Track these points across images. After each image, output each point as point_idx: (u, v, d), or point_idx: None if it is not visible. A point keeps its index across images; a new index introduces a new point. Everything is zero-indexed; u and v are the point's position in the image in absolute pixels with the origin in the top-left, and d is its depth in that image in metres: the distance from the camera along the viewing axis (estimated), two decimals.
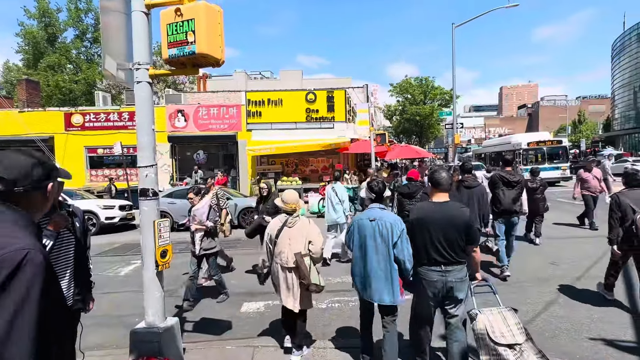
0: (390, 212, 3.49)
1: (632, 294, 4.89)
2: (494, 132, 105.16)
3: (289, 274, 3.39)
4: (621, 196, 4.34)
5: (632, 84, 48.84)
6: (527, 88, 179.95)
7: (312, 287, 3.35)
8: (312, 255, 3.40)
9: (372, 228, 3.10)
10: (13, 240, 1.10)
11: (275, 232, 3.48)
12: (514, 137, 23.77)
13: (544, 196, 7.74)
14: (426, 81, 39.75)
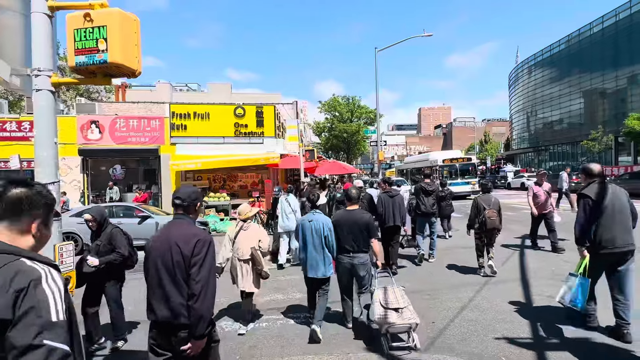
0: (322, 215, 4.70)
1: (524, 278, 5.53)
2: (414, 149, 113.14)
3: (244, 265, 4.54)
4: (478, 198, 6.65)
5: (525, 109, 56.26)
6: (442, 110, 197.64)
7: (263, 273, 4.55)
8: (261, 249, 4.57)
9: (310, 226, 4.53)
10: (200, 231, 2.44)
11: (234, 234, 4.65)
12: (431, 155, 25.78)
13: (451, 202, 10.33)
14: (353, 100, 41.67)
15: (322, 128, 43.97)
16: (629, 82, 36.09)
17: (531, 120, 54.89)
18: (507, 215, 15.14)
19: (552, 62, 48.10)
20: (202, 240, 2.33)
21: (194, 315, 2.25)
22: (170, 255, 2.32)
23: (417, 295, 5.65)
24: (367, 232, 4.43)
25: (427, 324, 4.66)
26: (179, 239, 2.34)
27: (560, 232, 8.22)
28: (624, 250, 4.02)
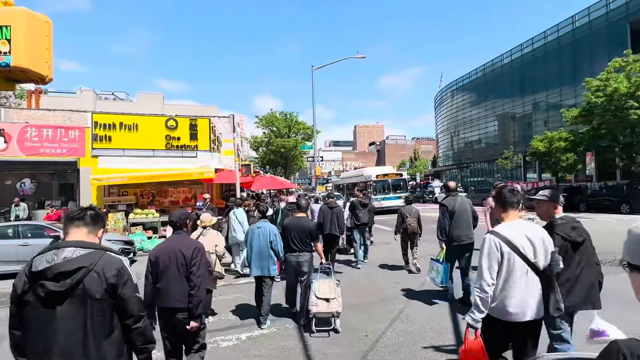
0: (269, 223, 5.70)
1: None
2: (350, 165, 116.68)
3: None
4: (402, 209, 8.42)
5: (449, 130, 61.19)
6: (376, 128, 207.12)
7: (215, 273, 4.98)
8: (217, 253, 5.26)
9: (258, 232, 5.49)
10: (195, 241, 3.57)
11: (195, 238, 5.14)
12: (366, 171, 26.67)
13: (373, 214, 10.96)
14: (291, 116, 42.08)
15: (260, 143, 43.64)
16: (533, 108, 41.03)
17: (454, 140, 59.69)
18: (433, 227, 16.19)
19: (471, 87, 53.10)
20: (197, 247, 3.39)
21: (195, 300, 3.19)
22: (175, 258, 3.29)
23: (350, 309, 5.75)
24: (311, 236, 5.49)
25: (359, 339, 4.73)
26: (181, 247, 3.33)
27: None
28: (467, 243, 5.79)
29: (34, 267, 1.81)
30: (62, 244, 1.92)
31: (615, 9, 30.82)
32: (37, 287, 1.79)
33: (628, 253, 1.18)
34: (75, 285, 1.81)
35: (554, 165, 29.38)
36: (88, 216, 2.05)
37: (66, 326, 1.79)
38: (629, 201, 19.49)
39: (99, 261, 1.90)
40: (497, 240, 2.66)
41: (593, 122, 23.92)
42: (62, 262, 1.81)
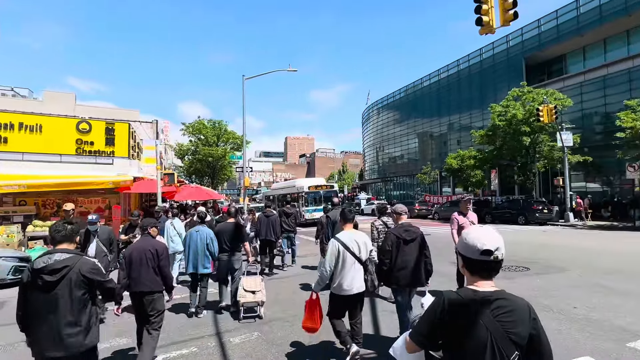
0: (207, 227, 6.52)
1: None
2: (281, 176, 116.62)
3: None
4: (323, 218, 8.45)
5: (375, 145, 64.48)
6: (307, 140, 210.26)
7: None
8: None
9: (196, 235, 6.32)
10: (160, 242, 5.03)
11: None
12: (297, 182, 26.55)
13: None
14: (219, 124, 40.85)
15: (186, 151, 41.59)
16: (448, 128, 45.10)
17: (380, 155, 62.98)
18: None
19: (395, 106, 56.76)
20: (162, 246, 4.59)
21: (168, 282, 4.48)
22: (145, 254, 4.38)
23: (277, 322, 5.69)
24: (240, 238, 6.50)
25: (281, 352, 4.70)
26: (150, 246, 4.45)
27: None
28: None
29: (35, 265, 2.72)
30: (53, 250, 2.82)
31: (513, 46, 35.43)
32: (37, 279, 2.69)
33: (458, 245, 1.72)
34: (63, 277, 2.72)
35: (465, 181, 32.47)
36: (68, 232, 2.92)
37: (57, 302, 2.71)
38: (524, 214, 22.22)
39: (78, 262, 2.81)
40: (337, 243, 4.07)
41: (496, 143, 27.01)
42: (54, 262, 2.72)
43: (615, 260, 9.99)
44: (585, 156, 24.19)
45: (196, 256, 6.25)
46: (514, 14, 8.98)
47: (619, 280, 7.59)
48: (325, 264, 4.04)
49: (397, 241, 4.42)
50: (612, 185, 27.39)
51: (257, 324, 5.69)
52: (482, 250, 1.55)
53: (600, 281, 7.58)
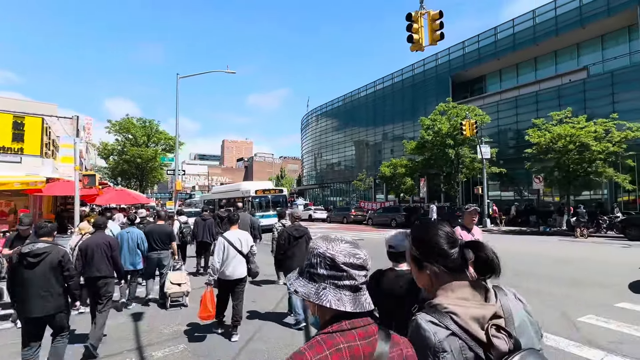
0: (136, 228, 7.25)
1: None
2: (217, 180, 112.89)
3: None
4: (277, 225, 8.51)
5: (313, 151, 65.29)
6: (245, 144, 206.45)
7: None
8: None
9: (127, 236, 6.96)
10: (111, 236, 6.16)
11: (74, 244, 6.40)
12: (243, 185, 24.49)
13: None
14: (150, 124, 38.35)
15: (111, 150, 38.41)
16: (383, 137, 47.19)
17: (318, 161, 63.88)
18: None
19: (334, 114, 58.08)
20: (114, 240, 5.57)
21: (118, 270, 5.43)
22: (100, 246, 5.21)
23: (209, 328, 5.47)
24: (169, 238, 7.41)
25: None
26: (104, 240, 5.31)
27: None
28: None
29: (22, 250, 3.80)
30: (37, 241, 3.98)
31: (442, 64, 38.26)
32: (24, 260, 3.78)
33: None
34: (43, 259, 3.83)
35: (397, 188, 34.14)
36: (48, 229, 4.16)
37: (38, 278, 3.80)
38: (449, 220, 23.80)
39: (53, 250, 3.93)
40: (222, 240, 5.28)
41: (425, 154, 28.86)
42: (36, 249, 3.82)
43: (523, 261, 11.15)
44: (500, 168, 26.79)
45: (129, 254, 6.94)
46: (441, 35, 9.71)
47: (527, 280, 8.47)
48: (215, 258, 5.13)
49: (289, 237, 5.86)
50: (522, 194, 30.64)
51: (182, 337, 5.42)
52: (388, 246, 2.32)
53: (511, 281, 8.39)
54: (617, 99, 24.24)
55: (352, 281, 1.10)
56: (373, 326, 1.10)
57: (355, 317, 1.08)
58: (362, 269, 1.13)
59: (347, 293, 1.09)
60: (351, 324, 1.06)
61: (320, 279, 1.11)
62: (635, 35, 24.83)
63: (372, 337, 1.07)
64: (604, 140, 19.91)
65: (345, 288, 1.09)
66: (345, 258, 1.10)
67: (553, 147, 21.00)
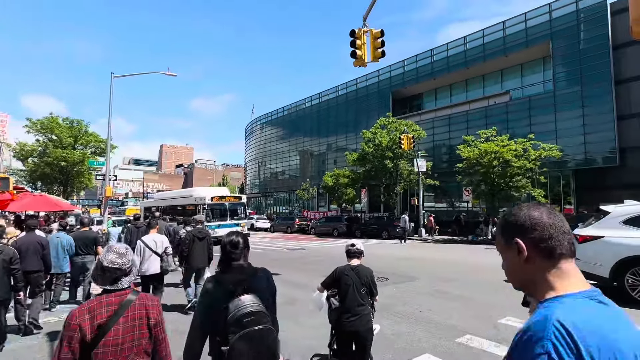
0: (66, 234, 7.66)
1: None
2: (153, 187, 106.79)
3: None
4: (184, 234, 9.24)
5: (257, 159, 64.51)
6: (185, 150, 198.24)
7: None
8: None
9: (57, 241, 7.34)
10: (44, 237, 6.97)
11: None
12: (196, 191, 22.64)
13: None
14: (79, 124, 35.28)
15: (30, 152, 34.67)
16: (327, 148, 48.03)
17: (261, 169, 63.17)
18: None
19: (279, 123, 58.02)
20: (45, 240, 6.36)
21: (47, 266, 6.28)
22: (34, 245, 6.07)
23: None
24: (94, 243, 7.77)
25: None
26: (36, 239, 6.17)
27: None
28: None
29: None
30: None
31: (383, 80, 40.08)
32: None
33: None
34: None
35: (339, 198, 34.83)
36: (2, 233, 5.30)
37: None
38: (387, 229, 24.88)
39: (5, 250, 4.97)
40: (140, 242, 6.45)
41: (366, 165, 29.88)
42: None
43: (453, 269, 11.91)
44: (435, 180, 28.52)
45: (57, 258, 7.27)
46: (382, 53, 10.21)
47: (454, 287, 9.05)
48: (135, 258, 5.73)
49: (193, 238, 7.05)
50: (454, 205, 32.83)
51: None
52: (349, 244, 3.80)
53: (441, 288, 8.92)
54: (534, 121, 27.11)
55: (109, 274, 1.97)
56: (128, 294, 1.98)
57: (113, 292, 1.97)
58: (118, 271, 1.98)
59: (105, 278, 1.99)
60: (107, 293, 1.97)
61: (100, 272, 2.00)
62: (548, 65, 28.05)
63: (123, 296, 1.97)
64: (522, 158, 22.12)
65: (105, 278, 1.98)
66: (106, 263, 1.98)
67: (480, 162, 22.88)
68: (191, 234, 7.16)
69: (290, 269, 11.86)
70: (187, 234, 7.27)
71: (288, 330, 5.91)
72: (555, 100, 26.33)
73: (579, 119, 24.93)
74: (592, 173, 24.53)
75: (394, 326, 5.98)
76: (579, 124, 24.95)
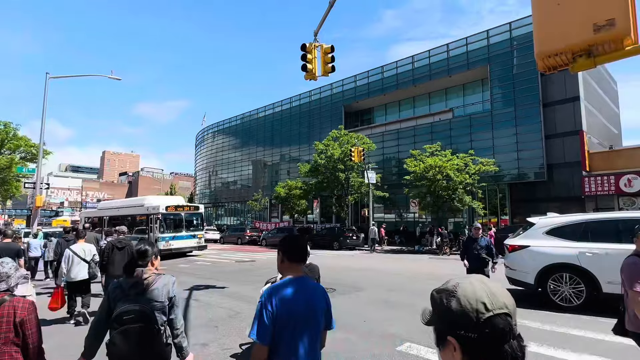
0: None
1: None
2: (93, 195, 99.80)
3: None
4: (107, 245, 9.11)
5: (208, 168, 62.70)
6: (130, 157, 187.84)
7: None
8: None
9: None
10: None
11: None
12: (149, 200, 20.97)
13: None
14: (6, 127, 32.23)
15: None
16: (280, 158, 47.87)
17: (212, 179, 61.43)
18: (180, 267, 15.73)
19: (231, 132, 56.99)
20: None
21: None
22: None
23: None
24: (16, 254, 7.30)
25: None
26: None
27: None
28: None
29: None
30: None
31: (336, 93, 40.96)
32: None
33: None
34: None
35: (292, 209, 34.77)
36: None
37: None
38: (338, 240, 25.19)
39: None
40: (68, 250, 7.15)
41: (319, 177, 30.18)
42: None
43: (398, 279, 12.30)
44: (384, 192, 29.42)
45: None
46: (332, 68, 10.49)
47: (399, 296, 9.34)
48: (62, 266, 7.11)
49: (112, 248, 7.22)
50: (402, 217, 34.03)
51: None
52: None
53: (387, 297, 9.17)
54: (474, 138, 29.03)
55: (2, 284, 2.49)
56: (3, 296, 2.45)
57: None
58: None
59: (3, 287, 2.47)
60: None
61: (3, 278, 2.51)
62: (486, 87, 30.30)
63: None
64: (463, 172, 23.55)
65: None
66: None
67: (426, 176, 24.00)
68: (110, 244, 7.41)
69: (237, 282, 11.58)
70: (107, 244, 7.55)
71: (235, 345, 5.77)
72: (492, 119, 28.42)
73: (513, 137, 27.08)
74: (524, 187, 26.63)
75: (335, 335, 6.04)
76: (512, 142, 27.09)
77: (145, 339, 2.39)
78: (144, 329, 2.39)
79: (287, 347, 2.03)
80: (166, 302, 2.60)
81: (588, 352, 5.22)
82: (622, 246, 7.01)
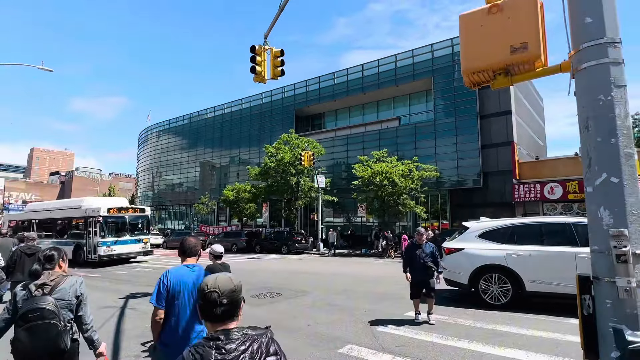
0: None
1: None
2: (18, 197, 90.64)
3: None
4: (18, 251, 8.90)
5: (151, 169, 59.57)
6: (64, 155, 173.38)
7: None
8: None
9: None
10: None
11: None
12: (87, 201, 19.34)
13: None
14: None
15: None
16: (229, 161, 46.77)
17: (156, 180, 58.48)
18: (117, 274, 14.78)
19: (178, 132, 54.71)
20: None
21: None
22: None
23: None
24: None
25: None
26: None
27: None
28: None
29: None
30: None
31: (287, 97, 40.96)
32: None
33: None
34: None
35: (240, 213, 34.08)
36: None
37: None
38: (287, 244, 25.10)
39: None
40: (17, 249, 7.25)
41: (268, 180, 29.92)
42: None
43: (345, 281, 12.51)
44: (333, 196, 29.85)
45: None
46: (282, 71, 10.49)
47: (343, 299, 9.51)
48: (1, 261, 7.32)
49: (21, 254, 7.13)
50: (350, 221, 34.71)
51: None
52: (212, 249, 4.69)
53: (331, 300, 9.28)
54: (418, 145, 30.46)
55: None
56: None
57: None
58: None
59: None
60: None
61: None
62: (430, 98, 31.97)
63: None
64: (407, 178, 24.59)
65: None
66: None
67: (373, 181, 24.73)
68: (19, 250, 7.31)
69: None
70: (16, 250, 7.42)
71: None
72: (435, 128, 30.02)
73: (453, 146, 28.80)
74: (463, 193, 28.38)
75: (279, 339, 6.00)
76: (453, 150, 28.79)
77: (50, 335, 2.56)
78: (49, 326, 2.56)
79: (177, 310, 2.81)
80: (73, 300, 2.83)
81: (513, 346, 5.66)
82: (543, 248, 7.75)
